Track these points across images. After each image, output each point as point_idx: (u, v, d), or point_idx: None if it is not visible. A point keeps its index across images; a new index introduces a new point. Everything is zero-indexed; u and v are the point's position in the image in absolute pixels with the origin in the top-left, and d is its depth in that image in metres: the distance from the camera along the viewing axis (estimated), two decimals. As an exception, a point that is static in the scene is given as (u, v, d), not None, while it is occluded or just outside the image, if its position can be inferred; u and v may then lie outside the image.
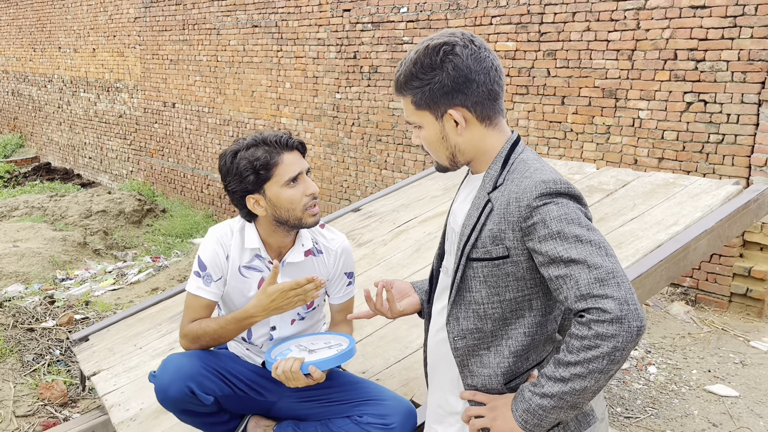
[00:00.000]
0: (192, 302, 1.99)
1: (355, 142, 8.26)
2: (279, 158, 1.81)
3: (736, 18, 5.11)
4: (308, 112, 8.81)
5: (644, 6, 5.58)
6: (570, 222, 1.35)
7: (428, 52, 1.46)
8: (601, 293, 1.28)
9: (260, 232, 1.95)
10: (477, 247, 1.47)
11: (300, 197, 1.84)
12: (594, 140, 6.04)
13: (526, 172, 1.44)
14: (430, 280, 1.77)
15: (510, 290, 1.47)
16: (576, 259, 1.32)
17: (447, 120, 1.49)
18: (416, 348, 2.34)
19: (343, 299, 2.08)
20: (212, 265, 1.94)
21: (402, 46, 7.49)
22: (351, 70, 8.14)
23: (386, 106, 7.78)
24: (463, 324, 1.53)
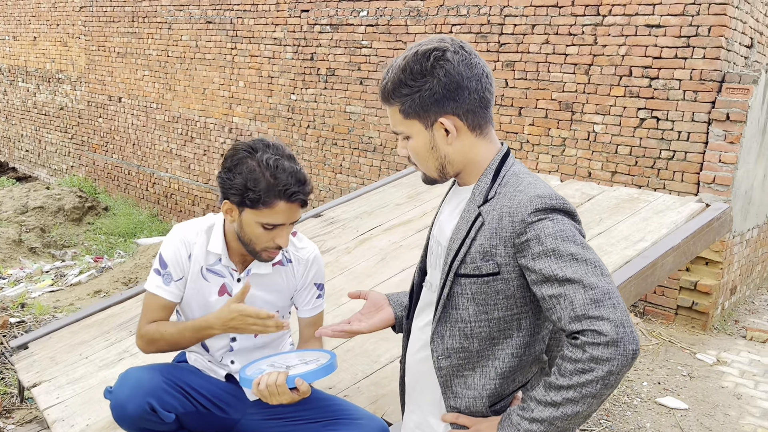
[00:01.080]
0: (150, 301, 1.87)
1: (310, 144, 8.13)
2: (273, 203, 1.67)
3: (689, 38, 5.25)
4: (262, 113, 8.63)
5: (602, 22, 5.68)
6: (565, 239, 1.30)
7: (418, 57, 1.40)
8: (596, 315, 1.24)
9: (226, 235, 1.84)
10: (466, 262, 1.41)
11: (266, 241, 1.74)
12: (550, 152, 6.11)
13: (519, 186, 1.39)
14: (411, 294, 1.70)
15: (499, 309, 1.41)
16: (571, 278, 1.27)
17: (437, 129, 1.43)
18: (385, 363, 2.26)
19: (313, 312, 1.98)
20: (173, 264, 1.82)
21: (361, 50, 7.42)
22: (308, 71, 8.01)
23: (343, 109, 7.69)
24: (449, 343, 1.47)
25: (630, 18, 5.53)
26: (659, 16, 5.37)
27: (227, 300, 1.85)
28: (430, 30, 6.81)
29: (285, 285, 1.92)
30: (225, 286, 1.86)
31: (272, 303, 1.92)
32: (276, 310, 1.94)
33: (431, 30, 6.81)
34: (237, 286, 1.86)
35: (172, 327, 1.84)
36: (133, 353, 2.65)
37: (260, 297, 1.89)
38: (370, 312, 1.74)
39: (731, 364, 4.83)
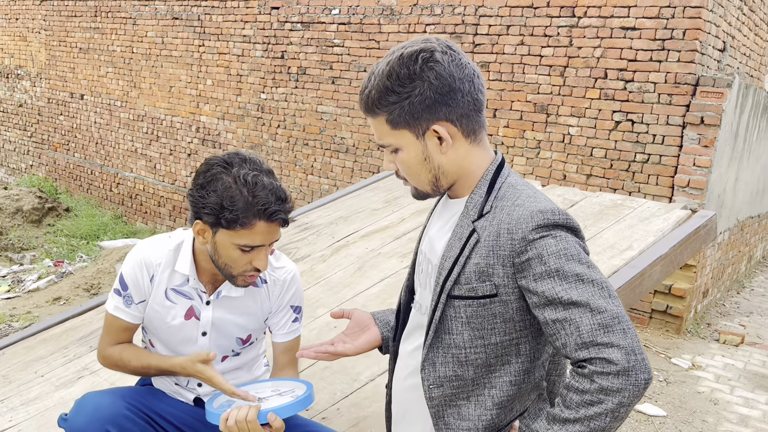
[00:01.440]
0: (111, 322, 1.73)
1: (280, 145, 7.95)
2: (251, 223, 1.51)
3: (664, 41, 5.23)
4: (231, 112, 8.42)
5: (577, 24, 5.64)
6: (570, 258, 1.19)
7: (404, 61, 1.27)
8: (605, 341, 1.13)
9: (196, 255, 1.68)
10: (460, 283, 1.29)
11: (244, 264, 1.59)
12: (524, 154, 6.05)
13: (518, 200, 1.28)
14: (398, 315, 1.58)
15: (496, 333, 1.30)
16: (577, 301, 1.16)
17: (430, 137, 1.31)
18: (365, 381, 2.13)
19: (288, 337, 1.82)
20: (134, 286, 1.67)
21: (333, 48, 7.27)
22: (278, 70, 7.83)
23: (314, 109, 7.53)
24: (441, 370, 1.34)
25: (605, 20, 5.49)
26: (634, 19, 5.35)
27: (194, 324, 1.70)
28: (403, 29, 6.70)
29: (258, 307, 1.77)
30: (193, 309, 1.70)
31: (243, 326, 1.77)
32: (248, 333, 1.79)
33: (405, 29, 6.69)
34: (206, 309, 1.71)
35: (135, 360, 1.71)
36: (93, 370, 2.48)
37: (231, 320, 1.74)
38: (354, 332, 1.61)
39: (706, 369, 4.82)
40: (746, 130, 5.94)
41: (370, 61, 6.97)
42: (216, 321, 1.73)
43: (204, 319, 1.72)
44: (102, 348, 1.75)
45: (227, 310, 1.72)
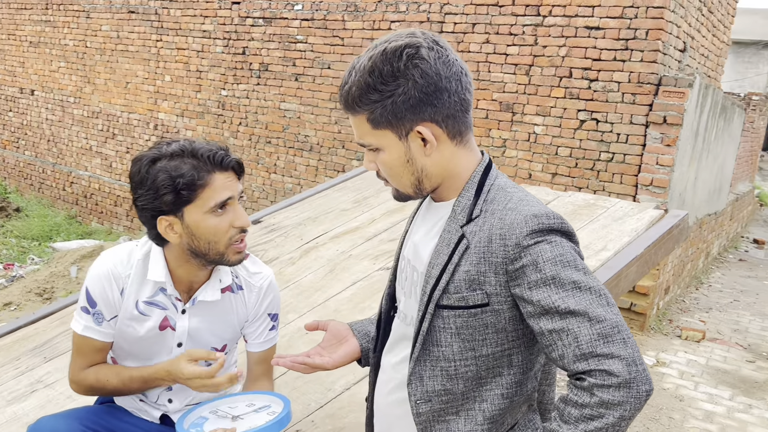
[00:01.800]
0: (81, 344, 1.59)
1: (242, 143, 7.78)
2: (208, 178, 1.44)
3: (627, 41, 5.28)
4: (190, 109, 8.20)
5: (542, 23, 5.64)
6: (566, 265, 1.13)
7: (387, 56, 1.18)
8: (605, 352, 1.08)
9: (169, 261, 1.57)
10: (449, 292, 1.22)
11: (226, 228, 1.48)
12: (490, 153, 6.03)
13: (509, 203, 1.21)
14: (378, 325, 1.50)
15: (488, 344, 1.23)
16: (575, 310, 1.10)
17: (413, 139, 1.23)
18: (340, 390, 2.05)
19: (264, 346, 1.73)
20: (103, 302, 1.54)
21: (296, 44, 7.14)
22: (239, 66, 7.66)
23: (277, 106, 7.39)
24: (429, 384, 1.27)
25: (570, 19, 5.51)
26: (598, 18, 5.37)
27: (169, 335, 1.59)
28: (368, 26, 6.62)
29: (234, 315, 1.67)
30: (167, 319, 1.59)
31: (219, 335, 1.67)
32: (224, 342, 1.69)
33: (369, 26, 6.61)
34: (181, 319, 1.60)
35: (114, 377, 1.58)
36: (48, 383, 2.33)
37: (207, 329, 1.64)
38: (331, 345, 1.52)
39: (670, 365, 4.88)
40: (705, 130, 6.05)
41: (334, 58, 6.87)
42: (192, 331, 1.62)
43: (180, 329, 1.61)
44: (74, 373, 1.60)
45: (203, 318, 1.61)
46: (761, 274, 8.20)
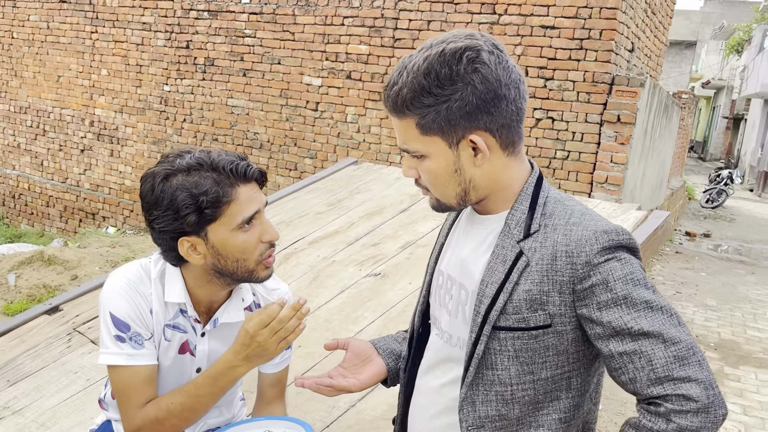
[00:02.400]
0: (129, 379, 1.37)
1: (186, 140, 7.48)
2: (233, 193, 1.30)
3: (582, 41, 5.36)
4: (130, 105, 7.83)
5: (498, 21, 5.66)
6: (636, 283, 1.08)
7: (446, 58, 1.09)
8: (682, 375, 1.03)
9: (187, 281, 1.42)
10: (507, 312, 1.14)
11: (255, 244, 1.34)
12: (447, 151, 6.02)
13: (571, 218, 1.14)
14: (410, 343, 1.41)
15: (548, 367, 1.16)
16: (648, 331, 1.05)
17: (464, 148, 1.14)
18: (345, 408, 1.95)
19: (280, 367, 1.60)
20: (137, 321, 1.37)
21: (244, 39, 6.91)
22: (183, 60, 7.36)
23: (224, 102, 7.14)
24: (482, 410, 1.19)
25: (525, 18, 5.55)
26: (554, 18, 5.44)
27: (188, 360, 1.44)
28: (320, 21, 6.48)
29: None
30: (187, 343, 1.44)
31: None
32: None
33: (321, 21, 6.47)
34: (201, 342, 1.45)
35: (178, 396, 1.37)
36: (16, 410, 2.11)
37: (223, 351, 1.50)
38: (354, 365, 1.42)
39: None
40: (652, 128, 6.24)
41: (285, 53, 6.69)
42: (212, 354, 1.48)
43: (200, 353, 1.46)
44: (131, 418, 1.38)
45: (222, 340, 1.48)
46: (697, 265, 8.57)
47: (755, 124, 21.99)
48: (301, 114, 6.72)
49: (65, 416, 2.05)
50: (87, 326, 2.50)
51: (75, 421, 2.02)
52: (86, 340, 2.42)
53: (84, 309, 2.64)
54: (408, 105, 1.12)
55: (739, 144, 26.14)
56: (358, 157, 6.42)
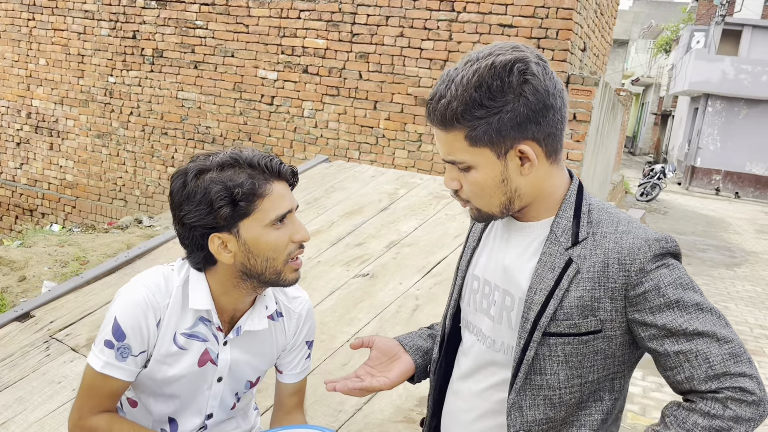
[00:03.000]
0: (96, 384, 1.34)
1: (134, 134, 7.23)
2: (267, 187, 1.28)
3: (539, 40, 5.47)
4: (71, 96, 7.49)
5: (456, 19, 5.71)
6: (686, 287, 1.13)
7: (497, 71, 1.10)
8: (738, 371, 1.10)
9: (212, 287, 1.37)
10: (557, 319, 1.16)
11: (286, 243, 1.32)
12: (406, 147, 6.04)
13: (619, 226, 1.18)
14: (441, 345, 1.41)
15: (595, 370, 1.19)
16: (703, 331, 1.11)
17: (512, 158, 1.15)
18: (351, 411, 1.93)
19: (300, 376, 1.57)
20: (135, 334, 1.32)
21: (195, 30, 6.72)
22: (129, 51, 7.09)
23: (174, 95, 6.93)
24: (529, 414, 1.21)
25: (484, 16, 5.62)
26: (512, 17, 5.53)
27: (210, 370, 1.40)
28: (275, 14, 6.36)
29: (274, 345, 1.50)
30: (208, 352, 1.39)
31: (257, 367, 1.50)
32: (258, 375, 1.52)
33: (276, 14, 6.36)
34: (224, 351, 1.41)
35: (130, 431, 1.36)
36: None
37: (246, 361, 1.46)
38: (382, 363, 1.41)
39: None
40: (602, 125, 6.44)
41: (239, 45, 6.55)
42: (233, 364, 1.44)
43: (222, 362, 1.42)
44: (78, 416, 1.36)
45: (244, 349, 1.44)
46: (638, 257, 8.93)
47: (682, 121, 23.05)
48: (255, 108, 6.60)
49: (54, 429, 1.96)
50: (64, 333, 2.39)
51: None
52: (66, 347, 2.31)
53: (58, 315, 2.51)
54: (458, 118, 1.12)
55: (667, 139, 27.35)
56: (315, 153, 6.36)
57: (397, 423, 1.89)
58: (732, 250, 10.15)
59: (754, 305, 7.07)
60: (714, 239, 10.84)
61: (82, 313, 2.51)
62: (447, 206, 3.09)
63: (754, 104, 18.84)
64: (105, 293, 2.66)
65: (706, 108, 19.36)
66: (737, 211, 15.62)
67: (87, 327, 2.44)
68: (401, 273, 2.57)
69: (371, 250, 2.75)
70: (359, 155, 6.20)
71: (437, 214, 3.00)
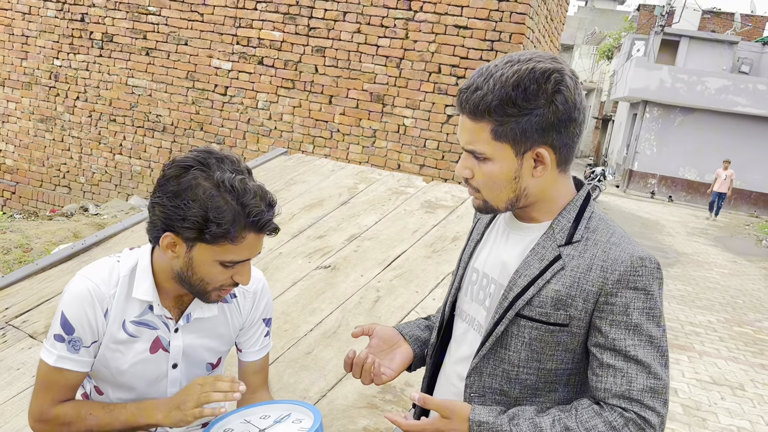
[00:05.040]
0: (51, 378, 1.36)
1: (79, 119, 7.03)
2: (240, 237, 1.30)
3: (493, 42, 5.63)
4: (13, 78, 7.23)
5: (413, 18, 5.81)
6: (651, 318, 1.22)
7: (535, 76, 1.18)
8: (650, 404, 1.20)
9: (156, 273, 1.41)
10: (532, 304, 1.25)
11: (222, 280, 1.37)
12: (360, 143, 6.11)
13: (612, 237, 1.26)
14: (439, 331, 1.49)
15: (554, 360, 1.29)
16: (641, 360, 1.20)
17: (528, 159, 1.24)
18: (316, 398, 1.99)
19: (261, 354, 1.62)
20: (83, 326, 1.34)
21: (147, 16, 6.59)
22: (77, 34, 6.89)
23: (124, 81, 6.78)
24: (487, 381, 1.30)
25: (440, 17, 5.74)
26: (467, 18, 5.66)
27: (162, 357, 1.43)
28: (231, 4, 6.31)
29: (230, 325, 1.54)
30: (159, 340, 1.42)
31: (215, 349, 1.54)
32: (219, 356, 1.56)
33: (232, 4, 6.31)
34: (175, 338, 1.44)
35: (99, 409, 1.37)
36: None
37: (202, 345, 1.50)
38: (383, 351, 1.48)
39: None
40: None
41: (193, 34, 6.47)
42: (187, 349, 1.48)
43: (174, 349, 1.46)
44: (39, 411, 1.38)
45: (198, 334, 1.47)
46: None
47: (622, 125, 23.89)
48: (208, 98, 6.53)
49: (15, 415, 1.95)
50: (21, 320, 2.36)
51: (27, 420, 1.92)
52: (23, 334, 2.28)
53: (13, 302, 2.48)
54: (491, 111, 1.19)
55: (607, 143, 28.29)
56: (269, 145, 6.35)
57: (360, 409, 1.96)
58: (665, 251, 10.64)
59: (685, 303, 7.46)
60: (649, 240, 11.34)
61: (38, 300, 2.48)
62: (405, 202, 3.18)
63: (689, 112, 19.72)
64: (61, 280, 2.64)
65: (644, 114, 20.15)
66: (671, 213, 16.35)
67: (44, 314, 2.41)
68: (362, 265, 2.64)
69: (332, 243, 2.81)
70: (313, 149, 6.23)
71: (396, 209, 3.08)
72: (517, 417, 1.23)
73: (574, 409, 1.22)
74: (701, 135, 19.59)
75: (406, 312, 2.37)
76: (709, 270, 9.65)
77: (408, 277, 2.56)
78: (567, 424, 1.19)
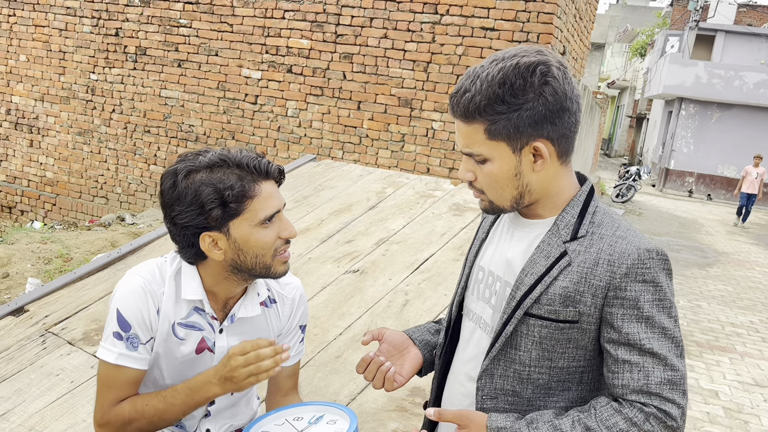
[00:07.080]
0: (113, 376, 1.39)
1: (115, 131, 7.21)
2: (256, 189, 1.34)
3: (521, 43, 5.58)
4: (52, 93, 7.45)
5: (440, 21, 5.81)
6: (662, 309, 1.20)
7: (520, 71, 1.18)
8: (669, 397, 1.17)
9: (204, 279, 1.44)
10: (540, 303, 1.24)
11: (273, 240, 1.39)
12: (389, 147, 6.13)
13: (618, 231, 1.25)
14: (447, 331, 1.49)
15: (566, 358, 1.27)
16: (657, 353, 1.18)
17: (526, 154, 1.23)
18: (346, 402, 2.01)
19: (295, 359, 1.65)
20: (139, 323, 1.38)
21: (179, 29, 6.73)
22: (112, 48, 7.07)
23: (157, 93, 6.93)
24: (498, 383, 1.29)
25: (467, 19, 5.72)
26: (493, 20, 5.64)
27: (208, 357, 1.46)
28: (260, 14, 6.40)
29: (269, 330, 1.57)
30: (204, 341, 1.46)
31: None
32: None
33: (261, 14, 6.40)
34: (220, 338, 1.48)
35: (154, 399, 1.40)
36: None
37: None
38: (393, 356, 1.48)
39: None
40: (581, 128, 6.60)
41: (223, 45, 6.58)
42: (226, 348, 1.51)
43: (219, 349, 1.48)
44: (104, 412, 1.40)
45: (240, 336, 1.51)
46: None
47: (657, 124, 23.46)
48: (239, 107, 6.63)
49: (55, 419, 2.00)
50: (60, 327, 2.43)
51: (66, 424, 1.98)
52: (62, 341, 2.35)
53: (53, 309, 2.55)
54: (480, 111, 1.19)
55: (641, 141, 27.80)
56: (299, 152, 6.42)
57: (390, 412, 1.97)
58: (704, 250, 10.41)
59: (726, 304, 7.28)
60: (687, 240, 11.10)
61: (77, 308, 2.55)
62: (433, 205, 3.18)
63: (726, 108, 19.27)
64: (98, 288, 2.71)
65: (679, 111, 19.75)
66: (709, 212, 15.98)
67: (82, 321, 2.48)
68: (390, 269, 2.65)
69: (361, 247, 2.82)
70: (343, 155, 6.27)
71: (424, 212, 3.08)
72: (535, 421, 1.22)
73: (593, 408, 1.21)
74: (740, 131, 19.12)
75: (434, 315, 2.37)
76: (751, 269, 9.40)
77: (436, 280, 2.56)
78: (587, 424, 1.18)
